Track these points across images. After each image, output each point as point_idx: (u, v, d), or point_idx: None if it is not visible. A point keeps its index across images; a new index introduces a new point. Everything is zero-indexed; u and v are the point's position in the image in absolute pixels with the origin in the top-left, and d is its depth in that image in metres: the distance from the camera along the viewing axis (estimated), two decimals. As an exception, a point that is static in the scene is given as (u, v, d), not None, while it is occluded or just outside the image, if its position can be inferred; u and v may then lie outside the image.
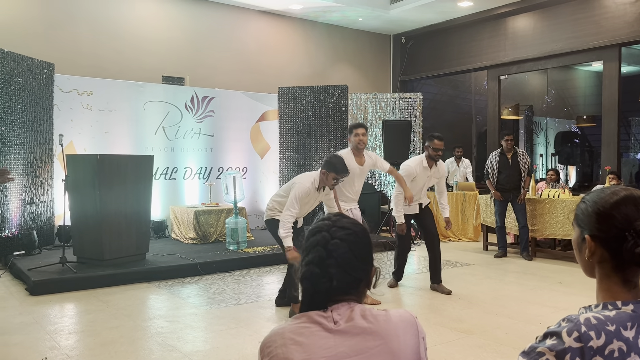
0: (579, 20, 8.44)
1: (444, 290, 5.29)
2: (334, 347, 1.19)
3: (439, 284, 5.37)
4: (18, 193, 6.66)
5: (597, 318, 1.04)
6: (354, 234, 1.28)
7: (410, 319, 1.25)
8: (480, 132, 10.80)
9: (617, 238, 1.09)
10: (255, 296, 5.19)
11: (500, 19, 9.56)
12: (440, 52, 10.66)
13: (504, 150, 7.17)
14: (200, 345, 3.84)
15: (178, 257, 6.38)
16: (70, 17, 7.92)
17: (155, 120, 8.17)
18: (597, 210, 1.12)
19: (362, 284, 1.28)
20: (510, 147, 7.14)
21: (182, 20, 8.91)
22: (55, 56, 7.59)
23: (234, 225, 6.98)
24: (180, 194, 8.42)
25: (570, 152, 11.56)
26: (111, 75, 8.06)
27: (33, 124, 6.94)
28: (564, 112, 11.64)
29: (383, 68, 11.43)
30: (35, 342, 3.88)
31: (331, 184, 4.43)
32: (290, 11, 9.76)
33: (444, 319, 4.43)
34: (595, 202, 1.14)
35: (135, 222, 6.14)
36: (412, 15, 10.04)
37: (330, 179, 4.40)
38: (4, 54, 6.52)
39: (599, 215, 1.12)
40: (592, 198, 1.15)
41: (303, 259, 1.29)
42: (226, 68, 9.30)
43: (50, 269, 5.59)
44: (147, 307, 4.88)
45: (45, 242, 7.04)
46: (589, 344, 1.00)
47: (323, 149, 9.22)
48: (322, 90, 9.25)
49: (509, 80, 10.30)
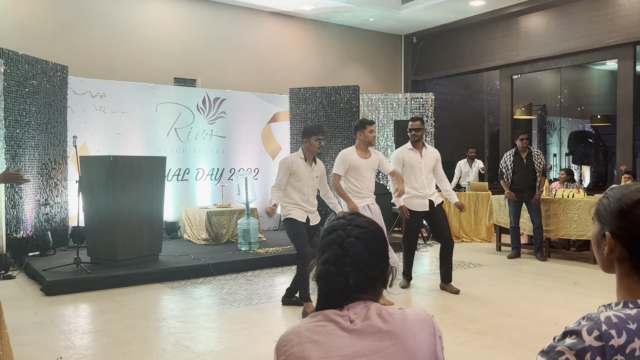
0: (593, 18, 8.35)
1: (452, 290, 5.27)
2: (350, 345, 1.18)
3: (448, 284, 5.35)
4: (33, 194, 6.73)
5: (618, 316, 1.02)
6: (369, 233, 1.28)
7: (426, 318, 1.24)
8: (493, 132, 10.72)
9: (637, 237, 1.07)
10: (268, 297, 5.19)
11: (512, 17, 9.49)
12: (452, 51, 10.61)
13: (519, 150, 7.11)
14: (213, 346, 3.85)
15: (190, 258, 6.40)
16: (83, 20, 7.99)
17: (168, 122, 8.22)
18: (619, 207, 1.10)
19: (378, 282, 1.27)
20: (525, 146, 7.07)
21: (193, 22, 8.96)
22: (69, 59, 7.66)
23: (246, 226, 6.99)
24: (193, 195, 8.46)
25: (584, 151, 11.44)
26: (124, 77, 8.12)
27: (47, 126, 7.01)
28: (578, 111, 11.52)
29: (394, 68, 11.40)
30: (50, 341, 3.91)
31: (317, 146, 4.65)
32: (301, 12, 9.77)
33: (458, 320, 4.40)
34: (618, 199, 1.11)
35: (148, 223, 6.18)
36: (423, 15, 10.01)
37: (313, 142, 4.64)
38: (18, 57, 6.59)
39: (620, 212, 1.09)
40: (616, 194, 1.12)
41: (318, 258, 1.28)
42: (238, 69, 9.33)
43: (65, 270, 5.64)
44: (160, 308, 4.90)
45: (59, 243, 7.11)
46: (610, 342, 0.99)
47: (334, 150, 9.21)
48: (333, 91, 9.25)
49: (522, 80, 10.22)
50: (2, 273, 5.94)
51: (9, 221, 6.35)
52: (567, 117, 11.39)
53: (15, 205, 6.46)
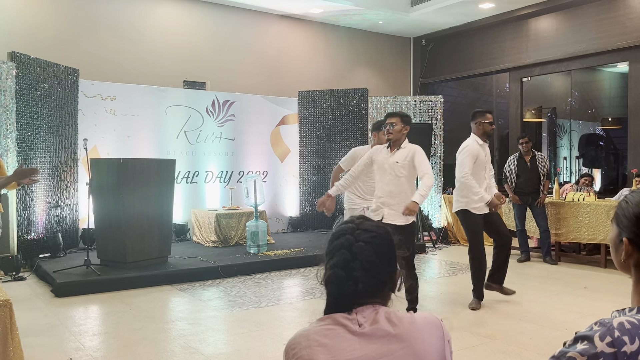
0: (603, 20, 8.29)
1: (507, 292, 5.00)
2: (358, 349, 1.18)
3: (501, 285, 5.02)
4: (44, 196, 6.78)
5: (631, 322, 1.01)
6: (378, 237, 1.28)
7: (435, 322, 1.24)
8: (502, 135, 10.66)
9: None
10: (276, 299, 5.19)
11: (522, 20, 9.45)
12: (461, 54, 10.58)
13: (522, 154, 7.10)
14: (222, 348, 3.86)
15: (199, 260, 6.42)
16: (94, 24, 8.05)
17: (177, 125, 8.26)
18: (638, 213, 1.07)
19: (386, 286, 1.28)
20: (527, 150, 7.05)
21: (203, 25, 9.00)
22: (80, 62, 7.72)
23: (255, 228, 7.00)
24: (202, 197, 8.49)
25: (594, 154, 11.34)
26: (134, 80, 8.18)
27: (58, 129, 7.07)
28: (588, 114, 11.43)
29: (403, 71, 11.38)
30: (60, 343, 3.94)
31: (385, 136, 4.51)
32: (310, 15, 9.78)
33: (466, 324, 4.37)
34: (637, 204, 1.08)
35: (158, 225, 6.21)
36: (432, 18, 9.99)
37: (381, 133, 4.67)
38: (30, 60, 6.66)
39: (639, 219, 1.07)
40: (635, 199, 1.09)
41: (327, 262, 1.29)
42: (247, 72, 9.36)
43: (75, 271, 5.68)
44: (169, 310, 4.92)
45: (69, 245, 7.16)
46: (623, 349, 0.97)
47: (343, 153, 9.18)
48: (342, 94, 9.24)
49: (532, 83, 10.16)
50: (13, 274, 5.99)
51: (20, 223, 6.41)
52: (578, 119, 11.30)
53: (26, 207, 6.52)
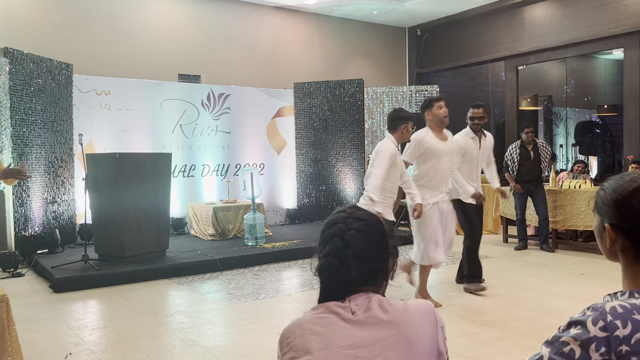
0: (598, 7, 8.27)
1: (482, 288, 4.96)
2: (351, 336, 1.19)
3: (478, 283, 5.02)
4: (40, 192, 6.77)
5: (623, 306, 1.01)
6: (369, 225, 1.29)
7: (428, 308, 1.25)
8: (498, 123, 10.66)
9: (636, 227, 1.07)
10: (275, 291, 5.21)
11: (517, 8, 9.42)
12: (457, 43, 10.55)
13: (524, 142, 7.10)
14: (221, 340, 3.87)
15: (197, 254, 6.43)
16: (87, 18, 8.00)
17: (173, 118, 8.24)
18: (615, 198, 1.10)
19: (379, 274, 1.28)
20: (530, 139, 7.07)
21: (197, 18, 8.95)
22: (74, 57, 7.68)
23: (252, 221, 7.01)
24: (199, 191, 8.49)
25: (591, 142, 11.36)
26: (128, 74, 8.14)
27: (53, 124, 7.04)
28: (584, 101, 11.43)
29: (399, 61, 11.35)
30: (59, 338, 3.95)
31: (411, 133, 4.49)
32: (304, 6, 9.74)
33: (464, 312, 4.40)
34: (614, 190, 1.11)
35: (155, 219, 6.21)
36: (427, 7, 9.95)
37: (410, 127, 4.48)
38: (23, 56, 6.62)
39: (617, 203, 1.09)
40: (611, 186, 1.13)
41: (320, 251, 1.29)
42: (241, 65, 9.33)
43: (73, 267, 5.68)
44: (167, 303, 4.93)
45: (67, 240, 7.16)
46: (615, 333, 0.98)
47: (339, 144, 9.21)
48: (337, 85, 9.22)
49: (527, 71, 10.15)
50: (11, 271, 5.99)
51: (17, 219, 6.40)
52: (574, 107, 11.31)
53: (23, 203, 6.51)
